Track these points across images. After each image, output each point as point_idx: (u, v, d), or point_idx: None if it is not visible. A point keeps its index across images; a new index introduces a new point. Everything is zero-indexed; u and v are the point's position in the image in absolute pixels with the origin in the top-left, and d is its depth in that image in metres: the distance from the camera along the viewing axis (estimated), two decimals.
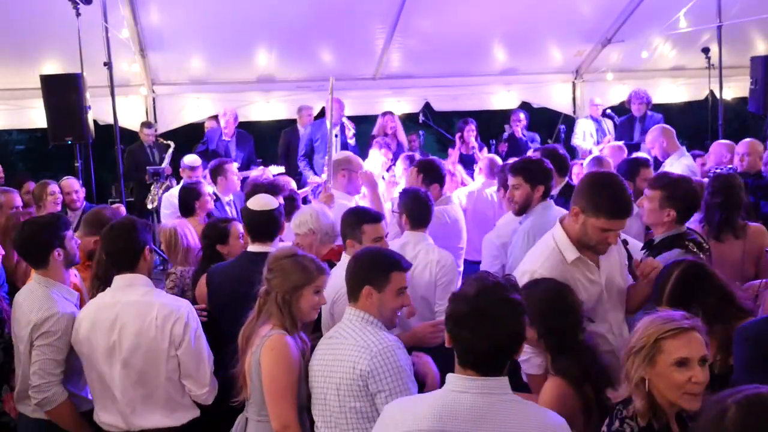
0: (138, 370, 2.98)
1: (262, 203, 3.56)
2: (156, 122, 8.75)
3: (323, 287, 2.85)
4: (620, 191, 2.94)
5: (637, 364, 2.15)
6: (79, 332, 3.05)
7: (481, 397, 1.94)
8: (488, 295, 2.00)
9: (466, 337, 1.99)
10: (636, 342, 2.17)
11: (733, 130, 9.55)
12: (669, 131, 5.97)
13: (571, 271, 2.97)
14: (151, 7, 7.58)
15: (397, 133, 8.17)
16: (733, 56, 8.65)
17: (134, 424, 3.02)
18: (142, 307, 3.00)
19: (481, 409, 1.92)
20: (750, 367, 2.36)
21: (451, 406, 1.94)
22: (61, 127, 6.77)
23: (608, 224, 2.89)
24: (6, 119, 8.85)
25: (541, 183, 3.93)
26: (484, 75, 9.82)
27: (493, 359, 1.98)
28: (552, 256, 3.00)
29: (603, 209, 2.89)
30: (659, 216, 3.47)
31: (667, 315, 2.20)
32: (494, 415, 1.92)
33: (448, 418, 1.92)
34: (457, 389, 1.97)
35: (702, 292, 2.66)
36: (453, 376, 2.01)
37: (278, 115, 9.53)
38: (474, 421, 1.91)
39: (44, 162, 12.65)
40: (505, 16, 8.48)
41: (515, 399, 1.99)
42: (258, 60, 8.82)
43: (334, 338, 2.66)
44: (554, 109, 10.29)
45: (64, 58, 7.51)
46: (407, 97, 9.70)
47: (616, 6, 8.80)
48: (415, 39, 8.76)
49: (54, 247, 3.28)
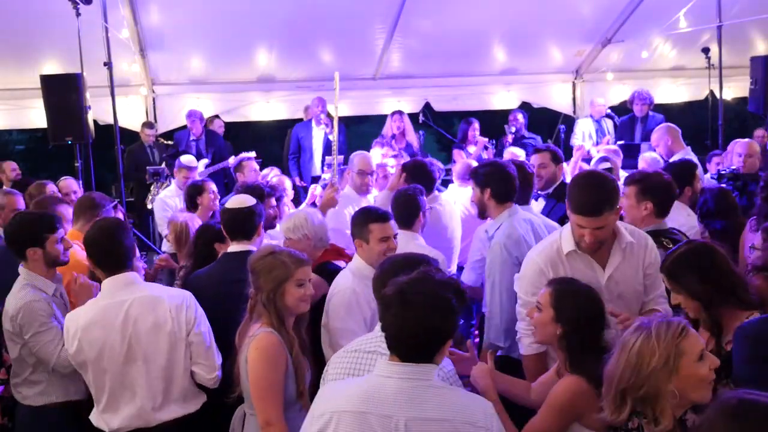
0: (159, 363, 2.99)
1: (238, 201, 3.60)
2: (156, 122, 8.76)
3: (306, 278, 2.88)
4: (589, 189, 2.94)
5: (664, 379, 2.06)
6: (88, 338, 2.98)
7: (403, 381, 2.02)
8: (416, 286, 2.06)
9: (391, 323, 2.06)
10: (658, 360, 2.06)
11: (733, 130, 9.55)
12: (674, 130, 6.02)
13: (564, 263, 3.04)
14: (151, 7, 7.59)
15: (405, 132, 8.16)
16: (733, 56, 8.65)
17: (155, 418, 3.01)
18: (153, 300, 3.00)
19: (403, 393, 2.01)
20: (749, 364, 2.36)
21: (376, 389, 2.04)
22: (61, 127, 6.77)
23: (577, 220, 2.94)
24: (6, 119, 8.86)
25: (487, 186, 3.87)
26: (484, 75, 9.83)
27: (415, 348, 2.04)
28: (550, 246, 3.10)
29: (571, 205, 2.97)
30: (638, 211, 3.55)
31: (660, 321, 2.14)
32: (413, 399, 2.00)
33: (372, 401, 2.02)
34: (383, 374, 2.06)
35: (698, 270, 2.63)
36: (382, 361, 2.10)
37: (278, 115, 9.54)
38: (395, 404, 2.00)
39: (44, 162, 12.65)
40: (505, 16, 8.49)
41: (438, 385, 2.06)
42: (258, 60, 8.83)
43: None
44: (554, 109, 10.29)
45: (64, 58, 7.51)
46: (407, 97, 9.71)
47: (616, 6, 8.81)
48: (415, 39, 8.76)
49: (30, 245, 3.32)
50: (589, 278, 2.95)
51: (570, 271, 3.02)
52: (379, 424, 2.00)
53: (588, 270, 3.04)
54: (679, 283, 2.65)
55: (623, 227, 3.12)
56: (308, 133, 8.30)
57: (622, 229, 3.09)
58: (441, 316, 2.04)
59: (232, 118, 9.31)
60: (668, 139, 5.93)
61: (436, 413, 1.99)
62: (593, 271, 3.04)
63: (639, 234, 3.17)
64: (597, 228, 2.92)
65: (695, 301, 2.62)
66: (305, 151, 8.24)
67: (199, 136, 8.36)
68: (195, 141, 8.33)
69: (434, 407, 1.99)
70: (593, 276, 3.01)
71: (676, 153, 5.84)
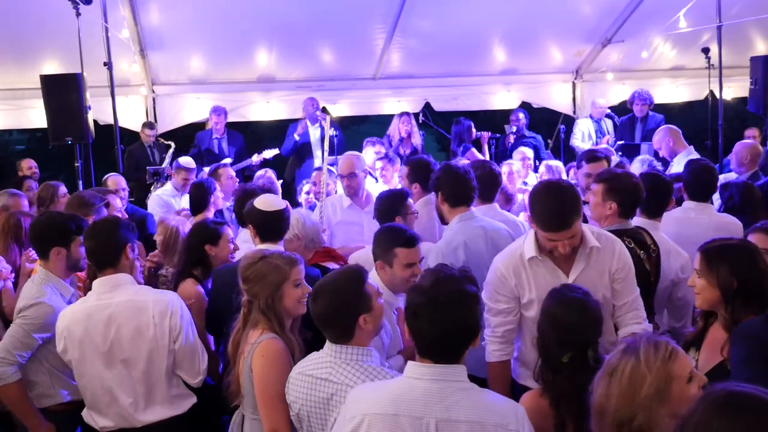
0: (140, 368, 2.99)
1: (269, 203, 3.57)
2: (156, 122, 8.76)
3: (301, 277, 2.85)
4: (552, 204, 2.88)
5: (656, 406, 1.96)
6: (72, 338, 3.02)
7: (433, 383, 2.04)
8: (443, 286, 2.10)
9: (423, 328, 2.08)
10: (649, 388, 1.96)
11: (733, 130, 9.53)
12: (675, 131, 6.05)
13: (527, 269, 3.02)
14: (151, 7, 7.58)
15: (411, 134, 8.11)
16: (733, 56, 8.65)
17: (138, 420, 3.03)
18: (137, 305, 3.00)
19: (433, 394, 2.02)
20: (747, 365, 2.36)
21: (406, 391, 2.06)
22: (61, 127, 6.76)
23: (548, 236, 2.91)
24: (6, 119, 8.84)
25: (439, 189, 3.86)
26: (484, 75, 9.81)
27: (446, 348, 2.07)
28: (513, 252, 3.09)
29: (537, 223, 2.94)
30: (602, 209, 3.57)
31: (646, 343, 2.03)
32: (443, 400, 2.01)
33: (403, 403, 2.04)
34: (414, 376, 2.09)
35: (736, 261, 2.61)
36: (411, 363, 2.12)
37: (278, 115, 9.53)
38: (425, 406, 2.02)
39: (44, 162, 12.63)
40: (505, 16, 8.48)
41: (469, 386, 2.07)
42: (258, 60, 8.82)
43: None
44: (554, 109, 10.28)
45: (64, 58, 7.51)
46: (407, 97, 9.69)
47: (616, 6, 8.80)
48: (415, 39, 8.75)
49: (55, 245, 3.32)
50: (552, 285, 2.90)
51: (532, 277, 3.01)
52: (410, 426, 2.01)
53: (550, 276, 3.01)
54: (710, 267, 2.62)
55: (589, 231, 3.05)
56: (305, 133, 8.32)
57: (587, 233, 3.03)
58: (470, 310, 2.09)
59: (232, 118, 9.28)
60: (670, 140, 5.96)
61: (467, 415, 1.99)
62: (556, 278, 3.00)
63: (606, 238, 3.10)
64: (569, 238, 2.90)
65: (717, 290, 2.59)
66: (303, 150, 8.24)
67: (222, 135, 8.37)
68: (218, 139, 8.33)
69: (465, 409, 2.00)
70: (556, 283, 2.94)
71: (679, 153, 5.87)
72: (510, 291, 3.08)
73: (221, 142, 8.34)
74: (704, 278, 2.65)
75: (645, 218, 3.83)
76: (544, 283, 2.97)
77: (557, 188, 2.98)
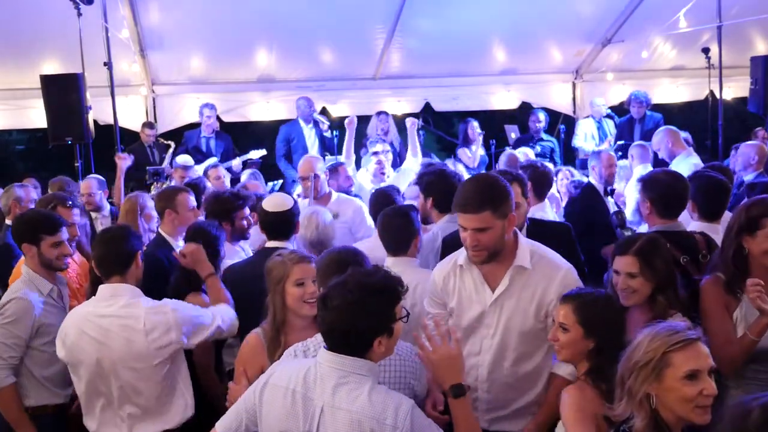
0: (130, 383, 2.94)
1: (277, 203, 3.62)
2: (156, 122, 8.75)
3: (306, 277, 2.81)
4: (472, 185, 2.70)
5: (642, 379, 2.05)
6: (65, 342, 3.00)
7: (331, 370, 2.14)
8: (337, 290, 2.13)
9: (321, 321, 2.18)
10: (642, 356, 2.06)
11: (733, 130, 9.53)
12: (674, 132, 6.03)
13: (456, 277, 2.86)
14: (151, 7, 7.58)
15: (387, 132, 8.08)
16: (733, 56, 8.64)
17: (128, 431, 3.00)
18: (128, 320, 2.93)
19: (327, 380, 2.13)
20: None
21: (314, 374, 2.17)
22: (61, 127, 6.77)
23: (459, 219, 2.71)
24: (6, 119, 8.85)
25: (430, 195, 3.89)
26: (484, 75, 9.81)
27: (339, 344, 2.14)
28: (451, 258, 2.94)
29: (453, 203, 2.73)
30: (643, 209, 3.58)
31: (669, 326, 2.11)
32: (336, 388, 2.11)
33: (311, 384, 2.15)
34: (321, 361, 2.18)
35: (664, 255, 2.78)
36: (323, 350, 2.20)
37: (278, 115, 9.52)
38: (318, 389, 2.14)
39: (44, 162, 12.63)
40: (505, 16, 8.48)
41: (365, 381, 2.12)
42: (258, 60, 8.82)
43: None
44: (554, 109, 10.26)
45: (64, 58, 7.51)
46: (407, 97, 9.69)
47: (616, 6, 8.80)
48: (415, 39, 8.76)
49: (25, 241, 3.36)
50: (473, 297, 2.79)
51: (458, 286, 2.84)
52: (301, 404, 2.14)
53: (474, 290, 2.81)
54: (647, 263, 2.72)
55: (529, 249, 2.78)
56: (299, 133, 8.29)
57: (523, 250, 2.76)
58: (360, 317, 2.10)
59: (232, 118, 9.31)
60: (668, 141, 5.93)
61: (348, 404, 2.08)
62: (481, 293, 2.80)
63: (548, 263, 2.79)
64: (478, 229, 2.63)
65: (652, 284, 2.72)
66: (297, 150, 8.19)
67: (210, 134, 8.36)
68: (206, 138, 8.32)
69: (349, 399, 2.08)
70: (478, 296, 2.80)
71: (678, 154, 5.85)
72: (439, 296, 2.94)
73: (209, 141, 8.32)
74: (638, 278, 2.74)
75: (703, 221, 3.68)
76: (465, 295, 2.82)
77: (489, 176, 2.87)
